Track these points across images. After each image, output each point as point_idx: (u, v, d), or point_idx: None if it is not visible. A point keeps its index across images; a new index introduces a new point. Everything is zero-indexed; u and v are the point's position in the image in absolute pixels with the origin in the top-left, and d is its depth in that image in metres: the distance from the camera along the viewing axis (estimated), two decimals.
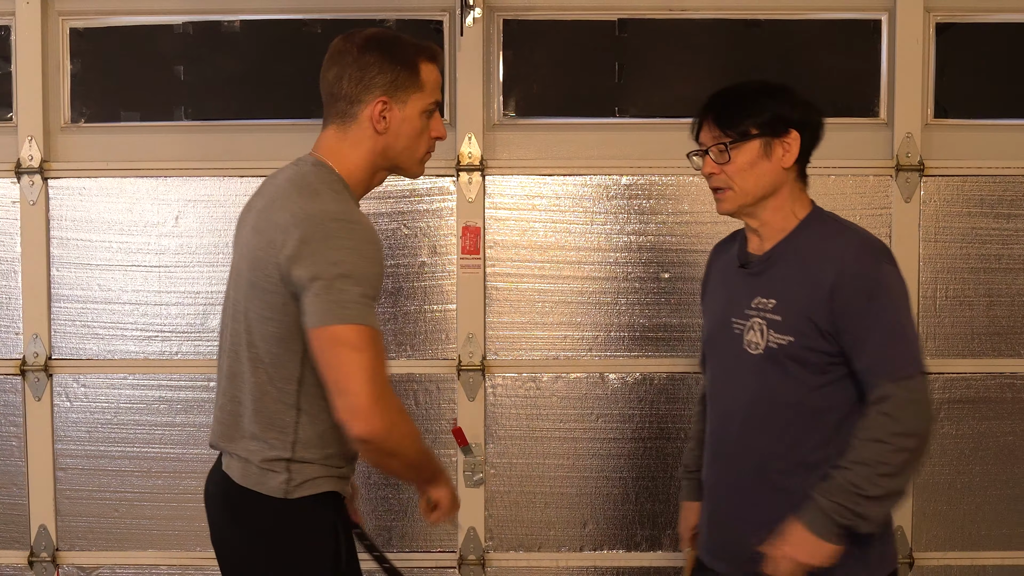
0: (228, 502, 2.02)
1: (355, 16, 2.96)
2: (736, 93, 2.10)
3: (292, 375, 1.95)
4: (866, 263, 1.98)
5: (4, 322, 3.04)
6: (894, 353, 1.92)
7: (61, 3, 3.00)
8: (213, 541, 2.08)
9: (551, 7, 3.01)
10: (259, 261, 1.90)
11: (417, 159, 2.08)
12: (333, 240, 1.86)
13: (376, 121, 2.00)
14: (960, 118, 3.01)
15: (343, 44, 2.05)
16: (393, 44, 2.04)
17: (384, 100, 1.99)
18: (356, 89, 2.00)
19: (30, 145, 2.99)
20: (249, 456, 1.95)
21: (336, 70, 2.02)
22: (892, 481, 1.89)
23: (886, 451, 1.88)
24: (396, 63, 2.00)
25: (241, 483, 1.95)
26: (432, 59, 2.06)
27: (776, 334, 2.01)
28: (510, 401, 3.06)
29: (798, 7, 2.99)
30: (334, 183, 1.97)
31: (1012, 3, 2.98)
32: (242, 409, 1.98)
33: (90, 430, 3.06)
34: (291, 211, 1.90)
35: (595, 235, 3.03)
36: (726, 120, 2.04)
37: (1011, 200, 2.98)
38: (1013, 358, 2.99)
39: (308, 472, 1.95)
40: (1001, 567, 3.04)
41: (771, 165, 2.03)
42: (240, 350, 1.99)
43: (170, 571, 3.06)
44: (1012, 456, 3.00)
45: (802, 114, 2.05)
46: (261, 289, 1.91)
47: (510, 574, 3.10)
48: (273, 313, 1.88)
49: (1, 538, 3.07)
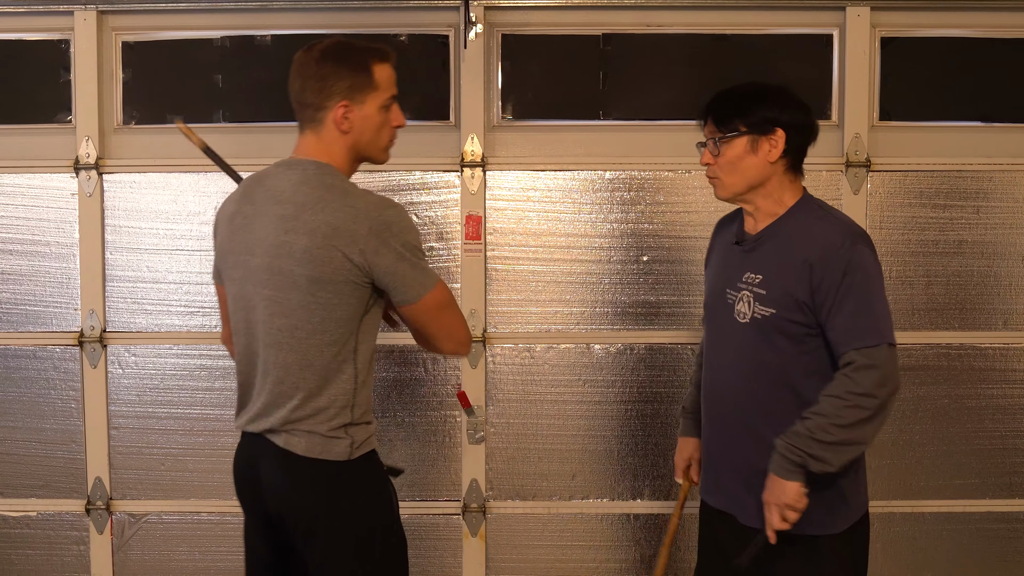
0: (293, 473, 2.08)
1: (372, 31, 3.08)
2: (733, 94, 2.19)
3: (350, 349, 2.07)
4: (843, 244, 2.05)
5: (64, 299, 3.17)
6: (861, 325, 2.00)
7: (114, 20, 3.13)
8: (272, 514, 2.13)
9: (544, 23, 3.13)
10: (316, 259, 1.98)
11: (382, 148, 2.17)
12: (396, 226, 2.01)
13: (340, 123, 2.08)
14: (902, 121, 3.13)
15: (303, 57, 2.13)
16: (347, 52, 2.11)
17: (345, 104, 2.07)
18: (319, 97, 2.08)
19: (87, 144, 3.12)
20: (314, 428, 2.04)
21: (300, 82, 2.10)
22: (843, 432, 1.98)
23: (841, 406, 1.98)
24: (351, 69, 2.08)
25: (307, 455, 2.05)
26: (383, 59, 2.13)
27: (761, 306, 2.12)
28: (508, 368, 3.17)
29: (760, 23, 3.11)
30: (342, 178, 2.09)
31: (947, 20, 3.09)
32: (297, 391, 2.05)
33: (140, 394, 3.19)
34: (343, 211, 2.00)
35: (582, 223, 3.14)
36: (721, 118, 2.15)
37: (946, 192, 3.11)
38: (948, 331, 3.13)
39: (363, 434, 2.10)
40: (937, 513, 3.17)
41: (757, 159, 2.12)
42: (283, 340, 2.05)
43: (209, 517, 3.19)
44: (947, 417, 3.14)
45: (790, 115, 2.13)
46: (325, 281, 2.00)
47: (507, 520, 3.20)
48: (340, 299, 2.01)
49: (62, 489, 3.20)
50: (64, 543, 3.22)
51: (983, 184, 3.11)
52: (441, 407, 3.16)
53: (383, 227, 1.99)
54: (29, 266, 3.17)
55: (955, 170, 3.11)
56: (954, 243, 3.13)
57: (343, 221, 1.98)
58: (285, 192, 2.06)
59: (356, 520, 2.10)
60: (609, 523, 3.21)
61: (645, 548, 3.19)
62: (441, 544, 3.19)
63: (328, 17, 3.11)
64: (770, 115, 2.11)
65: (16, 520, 3.21)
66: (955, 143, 3.14)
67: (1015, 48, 3.11)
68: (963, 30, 3.11)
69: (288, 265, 2.01)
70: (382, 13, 3.10)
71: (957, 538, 3.19)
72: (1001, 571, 3.21)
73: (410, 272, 2.01)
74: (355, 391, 2.05)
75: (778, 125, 2.11)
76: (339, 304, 2.01)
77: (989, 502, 3.16)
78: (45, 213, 3.16)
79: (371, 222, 1.98)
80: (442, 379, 3.17)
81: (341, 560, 2.11)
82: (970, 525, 3.18)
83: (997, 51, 3.12)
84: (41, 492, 3.21)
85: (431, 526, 3.19)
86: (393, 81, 2.14)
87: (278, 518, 2.12)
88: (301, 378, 2.03)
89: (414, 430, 3.19)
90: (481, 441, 3.17)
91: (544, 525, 3.21)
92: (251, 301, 2.10)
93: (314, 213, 2.00)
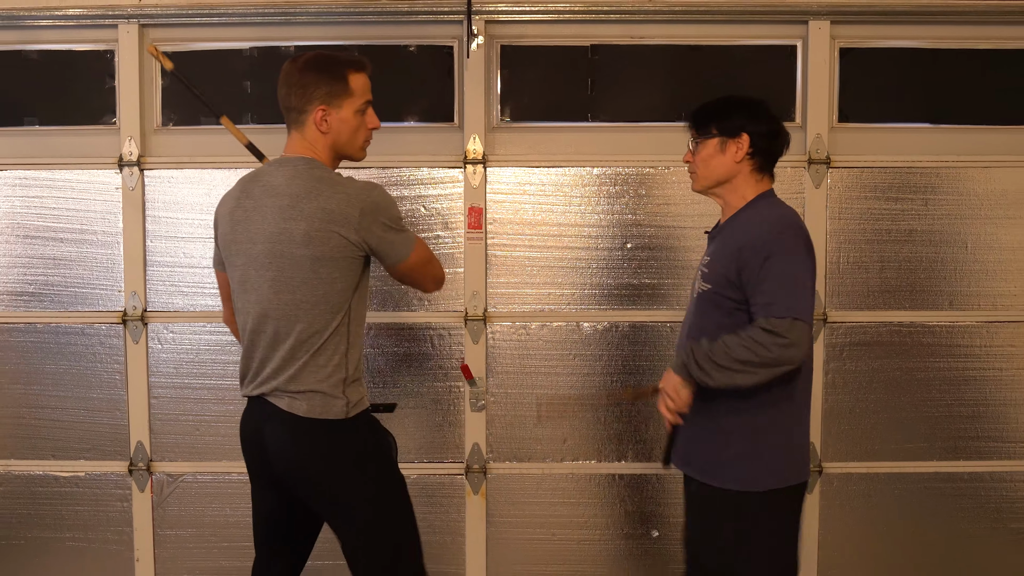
0: (298, 434, 2.22)
1: (385, 42, 3.20)
2: (712, 103, 2.39)
3: (346, 314, 2.22)
4: (771, 231, 2.21)
5: (109, 283, 3.27)
6: (775, 298, 2.14)
7: (154, 32, 3.22)
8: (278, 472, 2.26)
9: (538, 35, 3.22)
10: (315, 240, 2.14)
11: (358, 147, 2.31)
12: (381, 205, 2.19)
13: (319, 124, 2.23)
14: (859, 122, 3.23)
15: (289, 67, 2.26)
16: (325, 63, 2.24)
17: (323, 108, 2.22)
18: (301, 102, 2.23)
19: (130, 144, 3.22)
20: (317, 387, 2.20)
21: (285, 89, 2.25)
22: (730, 362, 2.13)
23: (738, 344, 2.13)
24: (330, 78, 2.22)
25: (308, 415, 2.20)
26: (358, 69, 2.26)
27: (702, 282, 2.33)
28: (506, 344, 3.27)
29: (732, 35, 3.21)
30: (329, 170, 2.24)
31: (899, 32, 3.20)
32: (303, 354, 2.19)
33: (177, 367, 3.29)
34: (336, 198, 2.15)
35: (572, 214, 3.24)
36: (699, 122, 2.38)
37: (898, 187, 3.22)
38: (900, 310, 3.24)
39: (356, 394, 2.27)
40: (890, 474, 3.28)
41: (725, 159, 2.32)
42: (291, 313, 2.19)
43: (239, 477, 3.27)
44: (898, 387, 3.25)
45: (756, 124, 2.32)
46: (326, 259, 2.16)
47: (506, 479, 3.30)
48: (340, 273, 2.18)
49: (107, 451, 3.31)
50: (109, 500, 3.34)
51: (931, 179, 3.22)
52: (446, 378, 3.26)
53: (372, 207, 2.18)
54: (78, 252, 3.28)
55: (906, 167, 3.21)
56: (905, 232, 3.23)
57: (338, 206, 2.15)
58: (280, 186, 2.19)
59: (357, 472, 2.24)
60: (596, 482, 3.30)
61: (629, 504, 3.30)
62: (446, 501, 3.29)
63: (345, 30, 3.20)
64: (738, 122, 2.32)
65: (67, 480, 3.32)
66: (906, 142, 3.24)
67: (959, 57, 3.23)
68: (913, 41, 3.22)
69: (290, 248, 2.17)
70: (394, 26, 3.19)
71: (907, 495, 3.30)
72: (945, 524, 3.31)
73: (397, 239, 2.23)
74: (347, 350, 2.23)
75: (744, 131, 2.31)
76: (339, 277, 2.19)
77: (935, 463, 3.28)
78: (92, 205, 3.27)
79: (362, 204, 2.17)
80: (447, 353, 3.26)
81: (348, 509, 2.25)
82: (918, 484, 3.29)
83: (944, 60, 3.23)
84: (89, 455, 3.32)
85: (437, 485, 3.28)
86: (367, 88, 2.28)
87: (283, 475, 2.26)
88: (308, 343, 2.19)
89: (422, 399, 3.28)
90: (482, 409, 3.26)
91: (538, 484, 3.30)
92: (255, 283, 2.23)
93: (310, 201, 2.16)
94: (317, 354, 2.21)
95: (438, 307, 3.27)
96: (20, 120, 3.31)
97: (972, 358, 3.28)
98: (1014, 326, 3.27)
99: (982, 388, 3.29)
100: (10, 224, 3.30)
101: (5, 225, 3.31)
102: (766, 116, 2.35)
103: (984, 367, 3.28)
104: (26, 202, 3.30)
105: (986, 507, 3.33)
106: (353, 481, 2.25)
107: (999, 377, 3.29)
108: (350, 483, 2.25)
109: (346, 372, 2.24)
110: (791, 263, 2.20)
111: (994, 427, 3.30)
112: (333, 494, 2.26)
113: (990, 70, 3.25)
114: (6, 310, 3.32)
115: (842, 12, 3.17)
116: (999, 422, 3.30)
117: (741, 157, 2.32)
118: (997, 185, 3.25)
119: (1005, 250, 3.27)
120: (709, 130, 2.35)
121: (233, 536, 3.35)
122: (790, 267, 2.19)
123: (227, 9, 3.18)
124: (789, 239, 2.22)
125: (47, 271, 3.31)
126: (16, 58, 3.30)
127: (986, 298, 3.28)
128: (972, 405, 3.29)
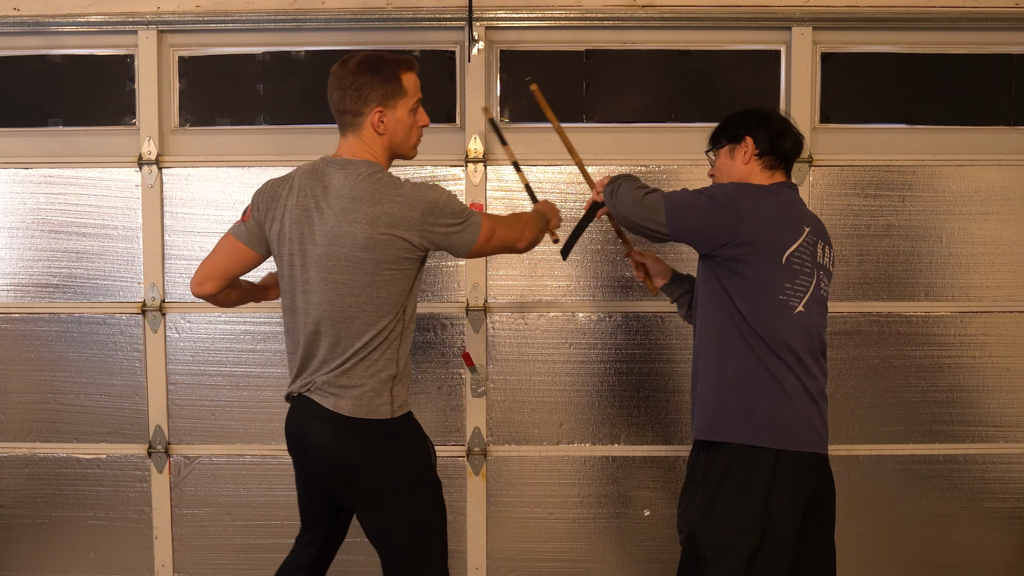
0: (343, 433, 2.20)
1: (390, 47, 3.24)
2: (725, 120, 2.57)
3: (400, 313, 2.21)
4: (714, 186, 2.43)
5: (130, 275, 3.34)
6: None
7: (172, 38, 3.30)
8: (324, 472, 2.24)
9: (536, 40, 3.28)
10: (379, 244, 2.13)
11: (411, 145, 2.30)
12: (440, 203, 2.19)
13: (376, 126, 2.19)
14: (839, 123, 3.30)
15: (340, 70, 2.21)
16: (379, 64, 2.20)
17: (380, 110, 2.19)
18: (357, 104, 2.18)
19: (148, 143, 3.29)
20: (365, 382, 2.19)
21: (339, 92, 2.20)
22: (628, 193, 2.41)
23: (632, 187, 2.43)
24: (384, 79, 2.19)
25: (353, 415, 2.19)
26: (410, 68, 2.24)
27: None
28: (505, 333, 3.32)
29: (719, 41, 3.28)
30: (387, 172, 2.23)
31: (878, 38, 3.27)
32: (354, 357, 2.18)
33: (193, 354, 3.35)
34: (396, 202, 2.15)
35: (568, 210, 3.27)
36: (713, 139, 2.59)
37: (876, 184, 3.28)
38: (878, 301, 3.32)
39: (402, 393, 2.27)
40: (868, 456, 3.36)
41: (735, 163, 2.50)
42: (354, 316, 2.17)
43: (252, 459, 3.37)
44: (876, 374, 3.32)
45: (756, 128, 2.47)
46: (389, 261, 2.15)
47: (505, 461, 3.35)
48: (402, 274, 2.19)
49: (128, 435, 3.38)
50: (129, 481, 3.41)
51: (907, 177, 3.30)
52: (449, 366, 3.32)
53: (432, 207, 2.18)
54: (100, 246, 3.34)
55: (884, 165, 3.29)
56: (883, 227, 3.30)
57: (399, 210, 2.15)
58: (343, 189, 2.16)
59: (395, 469, 2.23)
60: (591, 464, 3.36)
61: (622, 485, 3.36)
62: (448, 482, 3.20)
63: (354, 35, 3.27)
64: (741, 130, 2.50)
65: (88, 462, 3.40)
66: (884, 142, 3.31)
67: (934, 62, 3.30)
68: (891, 47, 3.30)
69: (353, 252, 2.15)
70: (399, 32, 3.26)
71: (885, 477, 3.37)
72: (921, 504, 3.39)
73: (459, 233, 2.23)
74: (399, 346, 2.25)
75: (747, 135, 2.48)
76: (400, 278, 2.20)
77: (912, 446, 3.35)
78: (113, 202, 3.34)
79: (422, 206, 2.16)
80: (450, 342, 3.31)
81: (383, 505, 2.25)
82: (896, 466, 3.37)
83: (920, 64, 3.31)
84: (110, 438, 3.39)
85: (440, 467, 2.91)
86: (418, 87, 2.27)
87: (327, 473, 2.26)
88: (368, 343, 2.19)
89: (426, 385, 3.34)
90: (483, 395, 3.31)
91: (536, 465, 3.36)
92: (316, 285, 2.20)
93: (372, 205, 2.14)
94: (373, 352, 2.21)
95: (441, 298, 3.32)
96: (45, 121, 3.39)
97: (946, 347, 3.36)
98: (986, 316, 3.35)
99: (956, 375, 3.36)
100: (36, 220, 3.39)
101: (31, 221, 3.39)
102: (765, 119, 2.50)
103: (958, 355, 3.37)
104: (51, 199, 3.39)
105: (960, 487, 3.41)
106: (391, 477, 2.24)
107: (972, 365, 3.37)
108: (388, 479, 2.24)
109: (396, 369, 2.25)
110: (707, 189, 2.39)
111: (967, 412, 3.38)
112: (372, 489, 2.25)
113: (963, 74, 3.33)
114: (32, 301, 3.40)
115: (824, 19, 3.25)
116: (972, 407, 3.38)
117: (748, 158, 2.48)
118: (970, 183, 3.33)
119: (978, 244, 3.35)
120: (720, 142, 2.55)
121: (247, 515, 3.44)
122: (702, 189, 2.39)
123: (241, 15, 3.25)
124: (725, 186, 2.40)
125: (70, 264, 3.39)
126: (41, 62, 3.38)
127: (960, 290, 3.36)
128: (946, 391, 3.37)
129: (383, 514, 2.26)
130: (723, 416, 2.35)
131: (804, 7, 3.22)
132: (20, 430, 3.43)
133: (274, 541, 3.42)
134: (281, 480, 3.41)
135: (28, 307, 3.40)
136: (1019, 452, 3.39)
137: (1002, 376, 3.37)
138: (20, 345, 3.40)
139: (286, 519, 3.41)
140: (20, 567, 3.47)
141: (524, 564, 3.43)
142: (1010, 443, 3.39)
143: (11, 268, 3.40)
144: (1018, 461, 3.40)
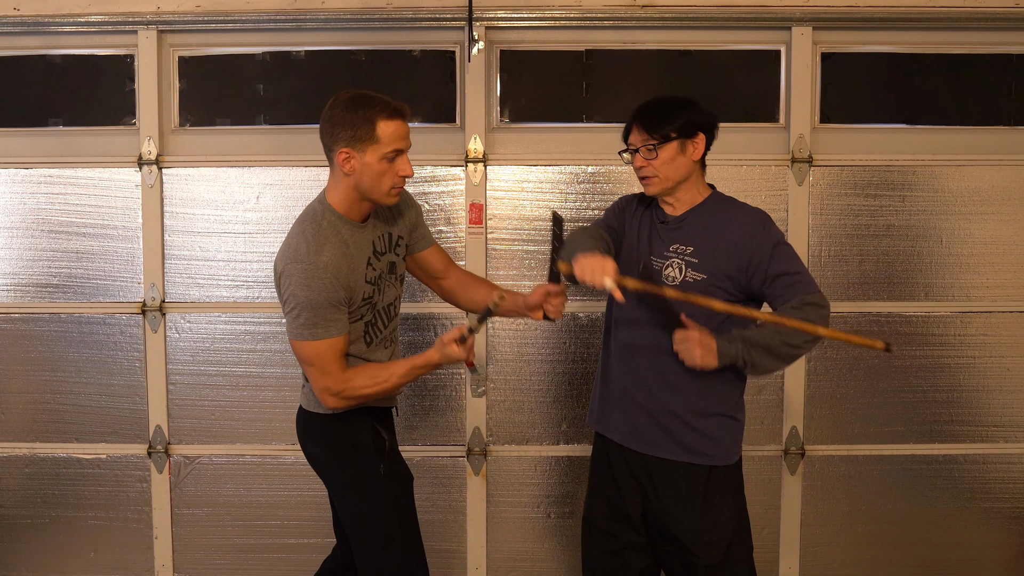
0: (300, 422, 2.44)
1: (390, 47, 3.27)
2: (658, 105, 2.37)
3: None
4: (762, 223, 2.32)
5: (129, 275, 3.35)
6: (803, 278, 2.24)
7: (172, 38, 3.31)
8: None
9: (536, 40, 3.29)
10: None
11: (383, 193, 2.21)
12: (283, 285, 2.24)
13: (342, 165, 2.17)
14: (839, 123, 3.30)
15: (329, 103, 2.21)
16: (358, 105, 2.14)
17: (347, 151, 2.15)
18: (328, 141, 2.19)
19: (149, 143, 3.30)
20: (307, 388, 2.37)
21: (321, 126, 2.22)
22: (791, 348, 2.20)
23: (790, 332, 2.17)
24: (356, 121, 2.14)
25: (305, 407, 2.40)
26: (391, 116, 2.15)
27: (693, 271, 2.31)
28: (505, 333, 3.34)
29: (719, 41, 3.28)
30: (324, 217, 2.21)
31: (877, 38, 3.27)
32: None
33: (193, 355, 3.37)
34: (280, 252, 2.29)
35: (568, 210, 3.28)
36: (653, 126, 2.33)
37: (876, 184, 3.29)
38: (878, 301, 3.32)
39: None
40: (869, 456, 3.37)
41: (685, 159, 2.34)
42: None
43: (252, 459, 3.39)
44: (877, 374, 3.33)
45: (706, 121, 2.36)
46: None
47: (505, 461, 3.37)
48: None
49: (128, 435, 3.40)
50: (129, 481, 3.42)
51: (907, 177, 3.30)
52: (449, 366, 3.26)
53: (277, 281, 2.25)
54: (100, 246, 3.36)
55: (884, 165, 3.30)
56: (883, 227, 3.32)
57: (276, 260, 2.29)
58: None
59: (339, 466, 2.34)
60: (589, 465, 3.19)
61: None
62: (449, 482, 3.37)
63: (353, 36, 3.27)
64: (692, 123, 2.35)
65: (89, 462, 3.41)
66: (884, 142, 3.32)
67: (934, 62, 3.31)
68: (891, 47, 3.30)
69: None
70: (399, 32, 3.27)
71: (884, 477, 3.38)
72: (921, 503, 3.40)
73: (288, 319, 2.22)
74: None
75: (700, 129, 2.36)
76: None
77: (912, 446, 3.37)
78: (113, 202, 3.35)
79: (275, 277, 2.24)
80: None
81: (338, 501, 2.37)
82: (896, 466, 3.38)
83: (920, 64, 3.32)
84: (110, 438, 3.40)
85: (440, 467, 3.36)
86: (399, 136, 2.17)
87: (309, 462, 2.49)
88: None
89: (425, 385, 3.35)
90: (483, 395, 3.33)
91: (535, 465, 3.38)
92: None
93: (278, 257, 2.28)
94: None
95: (441, 299, 3.24)
96: (45, 121, 3.39)
97: (946, 346, 3.37)
98: (986, 316, 3.36)
99: (956, 375, 3.37)
100: (36, 220, 3.40)
101: (31, 221, 3.40)
102: (709, 114, 2.40)
103: (958, 355, 3.38)
104: (51, 199, 3.40)
105: (959, 487, 3.42)
106: (333, 469, 2.36)
107: (972, 365, 3.38)
108: (329, 471, 2.38)
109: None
110: (791, 248, 2.34)
111: (967, 412, 3.39)
112: (324, 479, 2.42)
113: (962, 74, 3.33)
114: (32, 301, 3.42)
115: (824, 19, 3.25)
116: (972, 407, 3.39)
117: (699, 155, 2.37)
118: (970, 182, 3.34)
119: (978, 244, 3.35)
120: (667, 134, 2.33)
121: (246, 515, 3.46)
122: (792, 251, 2.33)
123: (241, 15, 3.26)
124: (777, 230, 2.35)
125: (70, 264, 3.40)
126: (41, 62, 3.39)
127: (960, 289, 3.37)
128: (946, 391, 3.38)
129: (337, 504, 2.40)
130: None
131: (804, 7, 3.23)
132: (20, 430, 3.44)
133: (274, 541, 3.44)
134: (281, 480, 3.42)
135: (28, 307, 3.41)
136: (1019, 452, 3.40)
137: (1002, 376, 3.38)
138: (20, 345, 3.41)
139: (286, 519, 3.43)
140: (20, 567, 3.48)
141: (524, 564, 3.44)
142: (1010, 443, 3.40)
143: (11, 268, 3.41)
144: (1018, 461, 3.41)
